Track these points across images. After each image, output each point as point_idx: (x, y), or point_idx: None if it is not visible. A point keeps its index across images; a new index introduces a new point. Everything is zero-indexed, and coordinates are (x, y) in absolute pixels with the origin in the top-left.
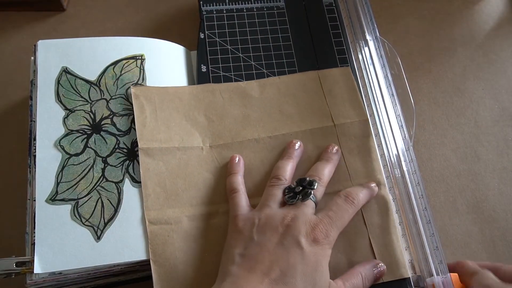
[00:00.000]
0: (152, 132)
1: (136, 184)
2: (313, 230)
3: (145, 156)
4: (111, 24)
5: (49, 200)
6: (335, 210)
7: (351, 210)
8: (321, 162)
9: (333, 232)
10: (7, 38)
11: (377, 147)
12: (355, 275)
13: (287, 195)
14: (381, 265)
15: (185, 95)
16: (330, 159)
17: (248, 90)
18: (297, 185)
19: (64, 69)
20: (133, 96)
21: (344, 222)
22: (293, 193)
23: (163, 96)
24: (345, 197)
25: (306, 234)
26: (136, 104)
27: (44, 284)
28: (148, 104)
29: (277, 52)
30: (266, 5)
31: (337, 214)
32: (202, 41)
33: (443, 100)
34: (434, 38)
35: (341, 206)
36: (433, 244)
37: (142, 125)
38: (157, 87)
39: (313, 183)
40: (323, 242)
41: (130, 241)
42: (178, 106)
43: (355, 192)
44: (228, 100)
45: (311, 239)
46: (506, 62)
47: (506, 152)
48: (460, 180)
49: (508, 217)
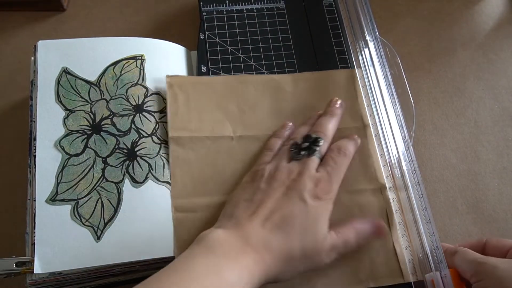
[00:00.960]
0: (183, 121)
1: (136, 184)
2: (315, 187)
3: (175, 144)
4: (111, 24)
5: (49, 200)
6: (333, 165)
7: (345, 162)
8: (326, 117)
9: (334, 187)
10: (7, 38)
11: (377, 147)
12: (350, 228)
13: (293, 150)
14: (381, 224)
15: (218, 85)
16: (334, 113)
17: (282, 84)
18: (303, 141)
19: (64, 69)
20: (167, 86)
21: (341, 175)
22: (299, 149)
23: (196, 85)
24: (338, 151)
25: (309, 190)
26: (170, 93)
27: (44, 284)
28: (181, 94)
29: (277, 52)
30: (266, 5)
31: (335, 169)
32: (202, 42)
33: (443, 100)
34: (434, 38)
35: (337, 161)
36: (433, 244)
37: (174, 114)
38: (191, 77)
39: (319, 140)
40: (325, 198)
41: (130, 241)
42: (211, 96)
43: (345, 144)
44: (261, 92)
45: (314, 195)
46: (506, 62)
47: (506, 152)
48: (460, 180)
49: (508, 217)
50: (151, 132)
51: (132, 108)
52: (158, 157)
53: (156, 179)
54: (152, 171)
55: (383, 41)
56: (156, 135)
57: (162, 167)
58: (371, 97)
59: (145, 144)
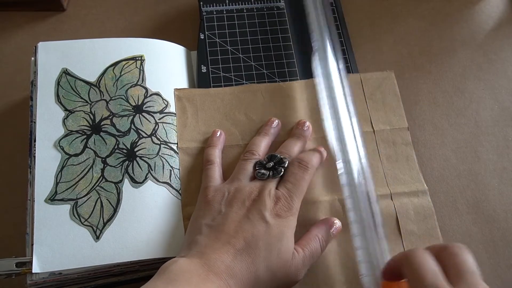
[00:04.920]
0: (192, 132)
1: (136, 185)
2: (275, 206)
3: (184, 154)
4: (111, 24)
5: (48, 200)
6: (293, 181)
7: (307, 176)
8: (292, 139)
9: (295, 203)
10: (7, 38)
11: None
12: (313, 238)
13: (258, 170)
14: (336, 222)
15: (226, 96)
16: (301, 136)
17: (289, 91)
18: (268, 161)
19: (64, 70)
20: (175, 98)
21: (303, 189)
22: (264, 169)
23: (204, 97)
24: (298, 164)
25: (270, 209)
26: (178, 105)
27: (44, 284)
28: (190, 106)
29: (277, 52)
30: (266, 5)
31: (295, 185)
32: (202, 42)
33: (443, 100)
34: (434, 38)
35: (297, 175)
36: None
37: (183, 125)
38: (199, 89)
39: (284, 160)
40: (286, 215)
41: (129, 241)
42: (219, 106)
43: (307, 157)
44: (268, 100)
45: (275, 214)
46: (506, 62)
47: (506, 152)
48: (460, 180)
49: (508, 217)
50: (151, 133)
51: (132, 109)
52: (158, 158)
53: (156, 180)
54: (152, 172)
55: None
56: (155, 136)
57: (161, 168)
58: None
59: (145, 144)
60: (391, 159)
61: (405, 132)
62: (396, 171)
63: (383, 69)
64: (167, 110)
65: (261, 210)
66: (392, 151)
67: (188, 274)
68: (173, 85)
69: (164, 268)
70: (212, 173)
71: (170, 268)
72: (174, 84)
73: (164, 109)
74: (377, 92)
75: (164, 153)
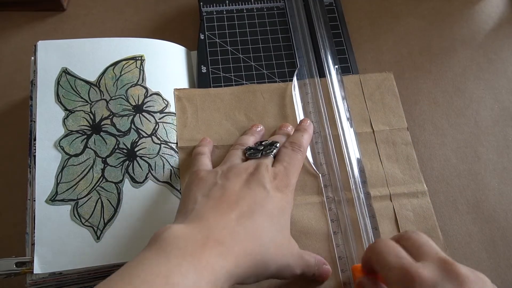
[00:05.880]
0: (192, 132)
1: (136, 185)
2: (274, 179)
3: (184, 154)
4: (111, 24)
5: (48, 200)
6: (288, 160)
7: (300, 156)
8: (279, 135)
9: (292, 181)
10: (7, 38)
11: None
12: (312, 256)
13: (248, 152)
14: (326, 267)
15: (226, 96)
16: (304, 129)
17: (289, 91)
18: (259, 145)
19: (64, 69)
20: (175, 98)
21: (298, 169)
22: (255, 150)
23: (204, 97)
24: (291, 147)
25: (269, 181)
26: (178, 105)
27: (44, 284)
28: (190, 106)
29: (277, 52)
30: (266, 5)
31: (290, 164)
32: (202, 42)
33: (443, 100)
34: (434, 38)
35: (291, 155)
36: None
37: (183, 125)
38: (199, 89)
39: (274, 142)
40: (285, 191)
41: (130, 241)
42: (219, 107)
43: (298, 139)
44: (268, 100)
45: (275, 187)
46: (506, 62)
47: (506, 152)
48: (460, 180)
49: (508, 217)
50: (151, 133)
51: (132, 109)
52: (158, 157)
53: (156, 179)
54: (152, 171)
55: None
56: (155, 135)
57: (161, 167)
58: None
59: (145, 144)
60: (391, 159)
61: (404, 132)
62: (396, 170)
63: (383, 68)
64: (167, 110)
65: (261, 179)
66: (392, 151)
67: (182, 240)
68: (173, 85)
69: (155, 237)
70: (203, 160)
71: (163, 236)
72: (174, 84)
73: (164, 109)
74: (376, 93)
75: (165, 152)
